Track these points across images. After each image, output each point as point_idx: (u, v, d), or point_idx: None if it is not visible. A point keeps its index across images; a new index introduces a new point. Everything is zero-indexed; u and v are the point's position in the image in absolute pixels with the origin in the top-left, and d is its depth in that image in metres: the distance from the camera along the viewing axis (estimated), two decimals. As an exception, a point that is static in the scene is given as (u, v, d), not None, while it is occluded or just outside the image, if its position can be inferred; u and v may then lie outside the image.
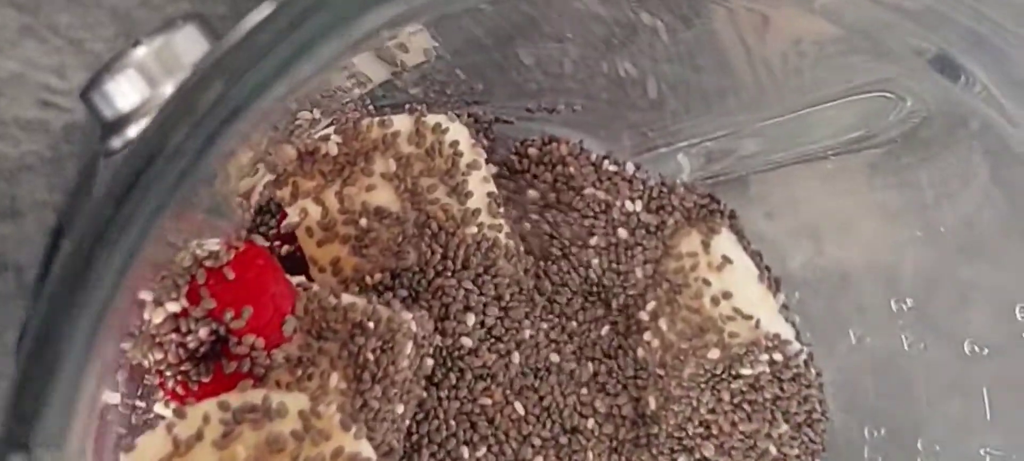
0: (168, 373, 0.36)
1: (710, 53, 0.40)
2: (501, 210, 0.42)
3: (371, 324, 0.37)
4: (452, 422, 0.41)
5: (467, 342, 0.41)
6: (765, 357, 0.43)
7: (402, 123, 0.41)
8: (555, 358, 0.43)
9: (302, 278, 0.38)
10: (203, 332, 0.35)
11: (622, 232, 0.44)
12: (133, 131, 0.41)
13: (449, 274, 0.41)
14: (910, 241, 0.42)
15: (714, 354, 0.43)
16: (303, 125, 0.40)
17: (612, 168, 0.45)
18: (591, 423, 0.43)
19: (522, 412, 0.42)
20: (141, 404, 0.37)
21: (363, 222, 0.40)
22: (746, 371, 0.43)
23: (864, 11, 0.32)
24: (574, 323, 0.44)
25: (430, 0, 0.31)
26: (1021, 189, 0.36)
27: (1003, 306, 0.38)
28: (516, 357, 0.42)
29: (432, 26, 0.38)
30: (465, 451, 0.41)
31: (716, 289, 0.44)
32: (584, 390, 0.44)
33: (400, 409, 0.38)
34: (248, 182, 0.39)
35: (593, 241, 0.44)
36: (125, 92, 0.39)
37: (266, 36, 0.29)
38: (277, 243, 0.42)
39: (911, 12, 0.31)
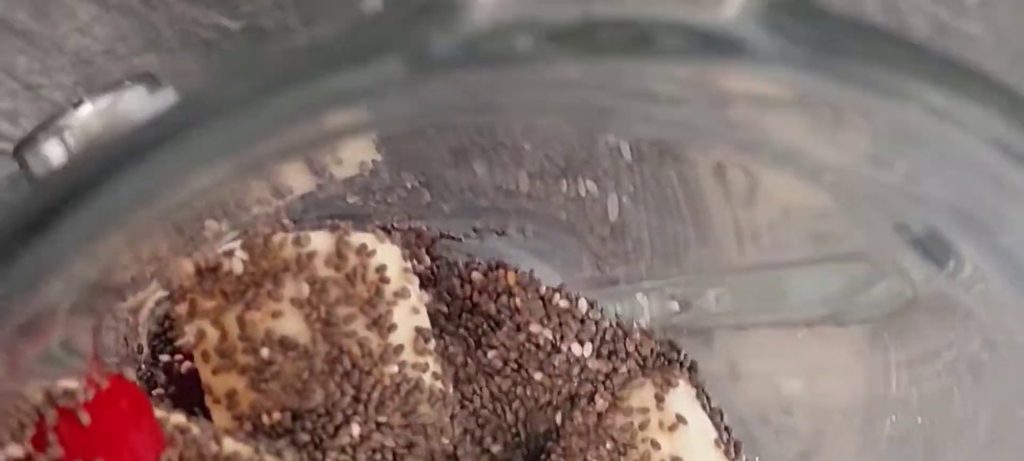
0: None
1: (683, 196, 0.37)
2: (430, 346, 0.38)
3: (254, 479, 0.32)
4: None
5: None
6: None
7: (321, 242, 0.36)
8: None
9: (181, 418, 0.33)
10: (47, 483, 0.30)
11: (567, 378, 0.40)
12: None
13: (360, 419, 0.36)
14: (884, 417, 0.38)
15: (653, 529, 0.38)
16: (207, 237, 0.35)
17: (563, 304, 0.40)
18: None
19: None
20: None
21: (265, 353, 0.35)
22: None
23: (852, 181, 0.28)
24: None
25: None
26: (1008, 390, 0.32)
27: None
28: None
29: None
30: None
31: (665, 453, 0.39)
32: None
33: None
34: (135, 299, 0.34)
35: (533, 385, 0.39)
36: (64, 154, 0.35)
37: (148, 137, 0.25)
38: (179, 358, 0.38)
39: (897, 185, 0.27)
